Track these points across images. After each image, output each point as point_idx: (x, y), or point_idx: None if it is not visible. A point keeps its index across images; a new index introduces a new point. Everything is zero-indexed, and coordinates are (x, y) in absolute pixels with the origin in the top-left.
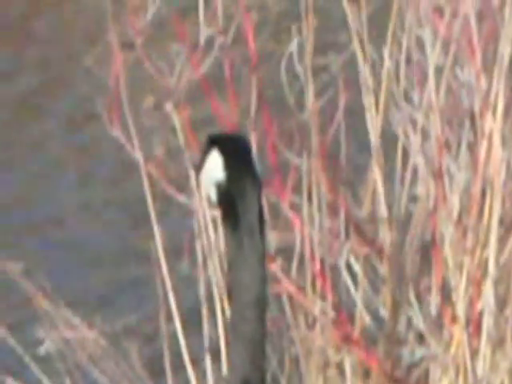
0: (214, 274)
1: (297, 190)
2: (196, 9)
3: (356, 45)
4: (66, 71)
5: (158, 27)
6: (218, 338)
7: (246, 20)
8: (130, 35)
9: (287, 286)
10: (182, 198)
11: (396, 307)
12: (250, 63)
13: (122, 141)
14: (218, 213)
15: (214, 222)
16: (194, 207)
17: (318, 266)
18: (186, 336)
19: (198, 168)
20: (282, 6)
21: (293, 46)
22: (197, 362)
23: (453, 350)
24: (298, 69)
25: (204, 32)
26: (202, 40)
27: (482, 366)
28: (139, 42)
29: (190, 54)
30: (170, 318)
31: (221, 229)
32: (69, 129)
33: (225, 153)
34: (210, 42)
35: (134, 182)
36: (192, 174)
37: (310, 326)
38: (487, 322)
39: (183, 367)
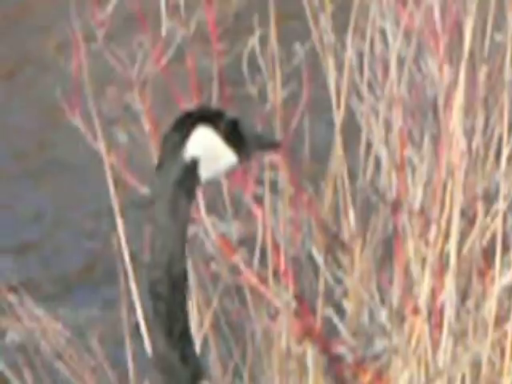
0: None
1: (259, 181)
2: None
3: (319, 36)
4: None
5: (120, 19)
6: None
7: (208, 11)
8: (92, 26)
9: (249, 277)
10: (144, 188)
11: (358, 299)
12: (212, 55)
13: (83, 130)
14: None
15: None
16: None
17: (280, 258)
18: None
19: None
20: None
21: (255, 38)
22: None
23: (414, 341)
24: (261, 60)
25: (166, 23)
26: (163, 31)
27: (443, 358)
28: (101, 33)
29: (152, 45)
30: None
31: None
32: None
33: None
34: (171, 34)
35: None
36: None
37: (272, 317)
38: (449, 314)
39: (145, 357)
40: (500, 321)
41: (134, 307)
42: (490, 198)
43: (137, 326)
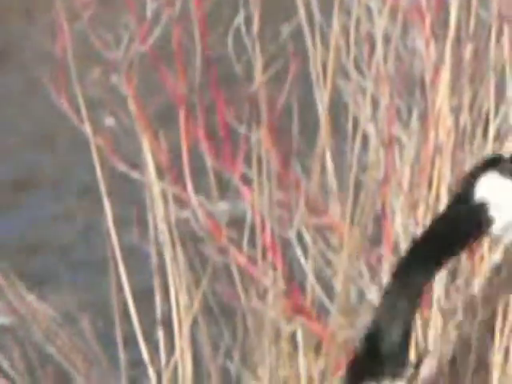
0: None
1: (247, 161)
2: None
3: (303, 14)
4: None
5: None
6: (169, 310)
7: None
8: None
9: (238, 257)
10: (131, 172)
11: (347, 278)
12: (197, 34)
13: (69, 113)
14: None
15: (164, 194)
16: (145, 180)
17: (268, 238)
18: (138, 309)
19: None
20: None
21: (240, 17)
22: (149, 335)
23: None
24: (246, 39)
25: (151, 4)
26: (149, 12)
27: (432, 336)
28: (86, 13)
29: (138, 25)
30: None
31: (171, 202)
32: None
33: None
34: (157, 14)
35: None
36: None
37: (261, 297)
38: (438, 292)
39: (136, 340)
40: (489, 299)
41: (122, 289)
42: None
43: (125, 308)
